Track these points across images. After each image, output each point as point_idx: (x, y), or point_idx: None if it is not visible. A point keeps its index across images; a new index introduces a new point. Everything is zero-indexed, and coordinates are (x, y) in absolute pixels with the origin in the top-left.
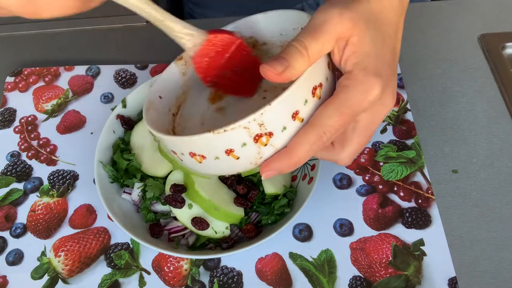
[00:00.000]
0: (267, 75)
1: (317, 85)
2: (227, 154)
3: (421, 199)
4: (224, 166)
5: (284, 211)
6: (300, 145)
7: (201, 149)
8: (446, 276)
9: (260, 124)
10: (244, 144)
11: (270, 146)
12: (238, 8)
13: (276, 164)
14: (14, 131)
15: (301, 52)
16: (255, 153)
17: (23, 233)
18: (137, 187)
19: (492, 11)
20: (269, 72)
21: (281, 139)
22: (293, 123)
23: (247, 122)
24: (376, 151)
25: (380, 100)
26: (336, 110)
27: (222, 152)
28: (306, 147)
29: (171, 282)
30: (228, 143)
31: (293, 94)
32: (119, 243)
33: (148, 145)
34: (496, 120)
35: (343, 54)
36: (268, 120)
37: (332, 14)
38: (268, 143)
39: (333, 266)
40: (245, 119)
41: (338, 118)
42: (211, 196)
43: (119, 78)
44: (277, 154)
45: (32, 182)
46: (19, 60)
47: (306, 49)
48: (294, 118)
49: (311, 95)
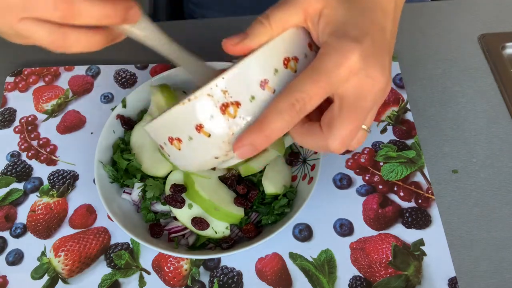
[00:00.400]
0: (225, 47)
1: (291, 57)
2: (198, 131)
3: (421, 199)
4: (200, 149)
5: (284, 211)
6: (271, 114)
7: (175, 130)
8: (446, 276)
9: (223, 91)
10: (212, 117)
11: (240, 118)
12: (238, 9)
13: (248, 138)
14: (14, 131)
15: (262, 22)
16: (226, 127)
17: (23, 233)
18: (137, 187)
19: (492, 11)
20: (226, 44)
21: (251, 110)
22: (263, 92)
23: (210, 88)
24: (376, 151)
25: (364, 71)
26: (309, 78)
27: (193, 128)
28: (277, 117)
29: (171, 282)
30: (196, 116)
31: (256, 61)
32: (119, 243)
33: (148, 145)
34: (496, 120)
35: (318, 28)
36: (232, 87)
37: None
38: (237, 115)
39: (333, 266)
40: (207, 85)
41: (312, 85)
42: (211, 196)
43: (119, 78)
44: (248, 128)
45: (32, 182)
46: (19, 60)
47: (267, 18)
48: (263, 87)
49: (283, 66)
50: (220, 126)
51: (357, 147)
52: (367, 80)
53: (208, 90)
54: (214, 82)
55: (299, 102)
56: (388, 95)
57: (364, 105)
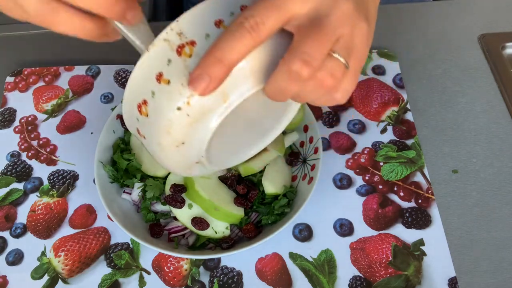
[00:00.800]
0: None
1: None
2: (159, 81)
3: (421, 199)
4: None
5: (284, 211)
6: (221, 38)
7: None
8: (446, 276)
9: (178, 33)
10: (169, 61)
11: (196, 57)
12: None
13: (200, 68)
14: (14, 131)
15: None
16: (183, 68)
17: (23, 233)
18: (137, 187)
19: (492, 11)
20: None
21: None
22: (218, 30)
23: (165, 33)
24: (376, 151)
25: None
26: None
27: (154, 81)
28: (228, 38)
29: (171, 282)
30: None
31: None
32: (119, 243)
33: None
34: (496, 120)
35: None
36: (187, 28)
37: None
38: (193, 54)
39: (333, 266)
40: (162, 31)
41: (263, 7)
42: (211, 196)
43: (119, 78)
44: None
45: (32, 182)
46: (19, 60)
47: None
48: (219, 26)
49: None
50: (177, 69)
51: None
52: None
53: (164, 35)
54: (169, 26)
55: (249, 20)
56: (388, 95)
57: (327, 24)
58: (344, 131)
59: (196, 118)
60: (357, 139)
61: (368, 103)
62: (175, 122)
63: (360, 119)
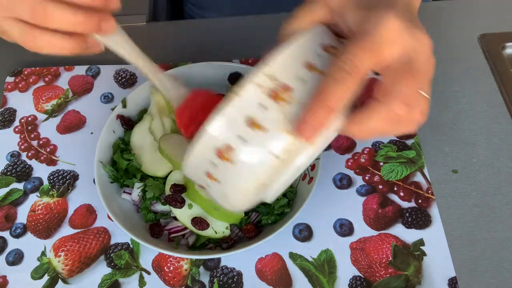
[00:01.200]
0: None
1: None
2: (250, 126)
3: (421, 199)
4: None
5: (284, 211)
6: (325, 84)
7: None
8: (446, 276)
9: (271, 77)
10: (263, 106)
11: (294, 103)
12: (236, 10)
13: (310, 116)
14: (14, 131)
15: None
16: (280, 114)
17: (23, 233)
18: (137, 187)
19: (492, 11)
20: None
21: (304, 92)
22: (311, 74)
23: (256, 76)
24: (376, 151)
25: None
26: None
27: (244, 126)
28: (332, 84)
29: (171, 282)
30: (246, 110)
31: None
32: (119, 243)
33: (148, 145)
34: (496, 120)
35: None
36: (278, 72)
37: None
38: (292, 100)
39: (333, 266)
40: (251, 75)
41: (356, 48)
42: None
43: (119, 78)
44: (307, 106)
45: (32, 182)
46: (19, 60)
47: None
48: (311, 70)
49: (323, 51)
50: (274, 115)
51: (423, 121)
52: (412, 39)
53: (255, 79)
54: (259, 70)
55: (348, 64)
56: None
57: (417, 66)
58: None
59: (286, 161)
60: (357, 139)
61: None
62: (266, 167)
63: None
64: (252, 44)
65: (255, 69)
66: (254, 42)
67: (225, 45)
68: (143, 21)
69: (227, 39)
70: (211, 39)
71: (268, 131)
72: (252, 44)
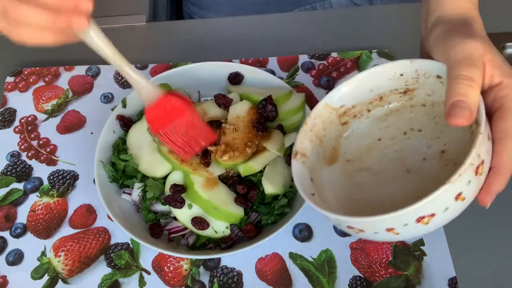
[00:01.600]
0: (457, 123)
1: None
2: (456, 199)
3: None
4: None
5: (284, 211)
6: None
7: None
8: (446, 276)
9: (479, 155)
10: (469, 181)
11: (484, 174)
12: (235, 11)
13: (495, 187)
14: (14, 131)
15: (470, 85)
16: (477, 186)
17: (23, 233)
18: (137, 188)
19: (492, 11)
20: (460, 120)
21: (489, 163)
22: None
23: (472, 158)
24: None
25: None
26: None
27: (452, 199)
28: (507, 159)
29: (171, 282)
30: (458, 187)
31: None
32: (119, 243)
33: (146, 145)
34: None
35: (485, 73)
36: (481, 150)
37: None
38: (483, 172)
39: (333, 266)
40: (469, 156)
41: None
42: (210, 197)
43: (119, 78)
44: (488, 178)
45: (32, 182)
46: (19, 60)
47: (471, 80)
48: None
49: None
50: (473, 188)
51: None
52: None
53: (471, 160)
54: (475, 151)
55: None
56: None
57: None
58: None
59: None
60: None
61: None
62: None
63: None
64: (252, 44)
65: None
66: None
67: (225, 45)
68: (143, 21)
69: (227, 39)
70: (211, 39)
71: (465, 201)
72: (252, 44)
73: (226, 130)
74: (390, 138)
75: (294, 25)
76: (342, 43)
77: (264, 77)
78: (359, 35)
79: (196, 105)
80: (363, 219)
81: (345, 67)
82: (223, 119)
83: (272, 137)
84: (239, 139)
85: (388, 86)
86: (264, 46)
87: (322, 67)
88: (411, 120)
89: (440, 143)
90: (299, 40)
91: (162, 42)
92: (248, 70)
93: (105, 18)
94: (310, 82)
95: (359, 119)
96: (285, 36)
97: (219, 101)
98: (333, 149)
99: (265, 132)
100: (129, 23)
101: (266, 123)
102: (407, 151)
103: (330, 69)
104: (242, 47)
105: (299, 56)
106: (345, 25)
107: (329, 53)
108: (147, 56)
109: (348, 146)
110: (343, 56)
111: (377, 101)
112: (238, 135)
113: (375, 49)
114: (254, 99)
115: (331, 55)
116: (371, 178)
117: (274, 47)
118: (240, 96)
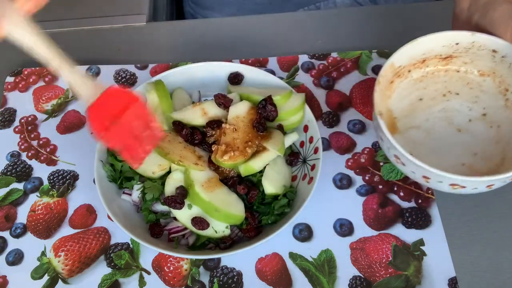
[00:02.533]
0: None
1: None
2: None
3: (421, 199)
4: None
5: (284, 211)
6: None
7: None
8: (446, 276)
9: None
10: None
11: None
12: (239, 11)
13: None
14: (14, 131)
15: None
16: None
17: (23, 233)
18: (136, 189)
19: None
20: None
21: None
22: None
23: None
24: (376, 151)
25: None
26: None
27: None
28: None
29: (171, 282)
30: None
31: None
32: (119, 243)
33: None
34: None
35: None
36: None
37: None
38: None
39: (333, 266)
40: None
41: None
42: (211, 198)
43: (119, 78)
44: None
45: (32, 182)
46: (19, 60)
47: None
48: None
49: None
50: None
51: None
52: None
53: None
54: None
55: None
56: None
57: None
58: (344, 131)
59: None
60: (357, 139)
61: (368, 103)
62: None
63: (360, 119)
64: (252, 44)
65: None
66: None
67: (225, 45)
68: (143, 21)
69: (227, 39)
70: (211, 39)
71: None
72: (252, 44)
73: (226, 130)
74: (431, 99)
75: (294, 25)
76: (342, 43)
77: (264, 77)
78: (359, 35)
79: (196, 105)
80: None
81: (345, 67)
82: (223, 119)
83: (272, 137)
84: (239, 139)
85: (438, 51)
86: (264, 46)
87: (322, 67)
88: (446, 83)
89: (480, 107)
90: (299, 40)
91: (162, 42)
92: (248, 70)
93: (105, 18)
94: (310, 82)
95: (399, 79)
96: (285, 36)
97: (219, 101)
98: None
99: (265, 132)
100: (129, 23)
101: (266, 123)
102: (451, 112)
103: (330, 69)
104: (242, 47)
105: (299, 56)
106: (345, 25)
107: (329, 53)
108: (147, 56)
109: (392, 104)
110: (343, 56)
111: (419, 63)
112: (238, 135)
113: (375, 49)
114: (254, 99)
115: (331, 55)
116: (424, 135)
117: (274, 47)
118: (240, 96)
